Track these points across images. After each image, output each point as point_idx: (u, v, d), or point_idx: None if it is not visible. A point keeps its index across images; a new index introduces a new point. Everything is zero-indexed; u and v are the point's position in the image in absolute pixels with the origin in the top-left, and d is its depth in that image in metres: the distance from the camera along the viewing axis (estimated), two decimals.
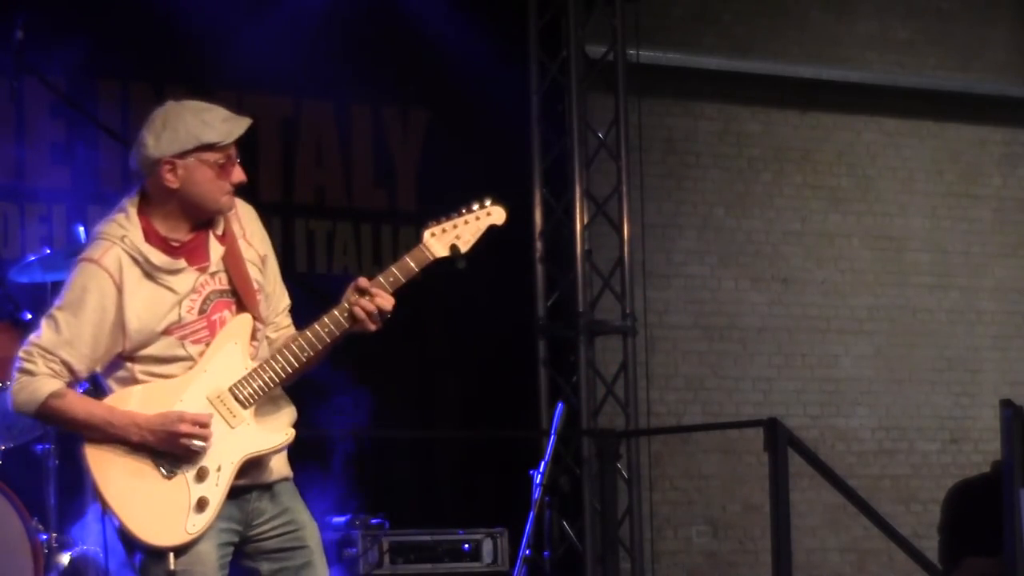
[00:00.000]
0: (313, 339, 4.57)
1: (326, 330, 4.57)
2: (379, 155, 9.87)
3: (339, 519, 8.32)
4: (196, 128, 4.52)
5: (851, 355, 11.52)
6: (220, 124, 4.55)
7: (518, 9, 10.12)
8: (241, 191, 4.67)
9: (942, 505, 8.50)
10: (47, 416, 4.54)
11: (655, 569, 10.48)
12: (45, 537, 6.75)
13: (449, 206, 8.89)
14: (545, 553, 9.39)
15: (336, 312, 4.59)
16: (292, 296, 4.83)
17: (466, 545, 8.61)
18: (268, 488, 4.63)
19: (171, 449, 4.46)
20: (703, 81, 11.13)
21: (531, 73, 10.16)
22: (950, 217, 11.90)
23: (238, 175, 4.59)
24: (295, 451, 4.72)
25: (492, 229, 4.80)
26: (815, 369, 11.42)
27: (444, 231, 4.76)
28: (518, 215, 9.97)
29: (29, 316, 7.01)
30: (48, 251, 7.19)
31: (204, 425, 4.47)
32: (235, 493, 4.53)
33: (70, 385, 4.53)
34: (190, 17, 8.75)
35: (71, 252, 7.04)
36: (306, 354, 4.56)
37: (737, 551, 11.03)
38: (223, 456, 4.50)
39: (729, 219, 11.24)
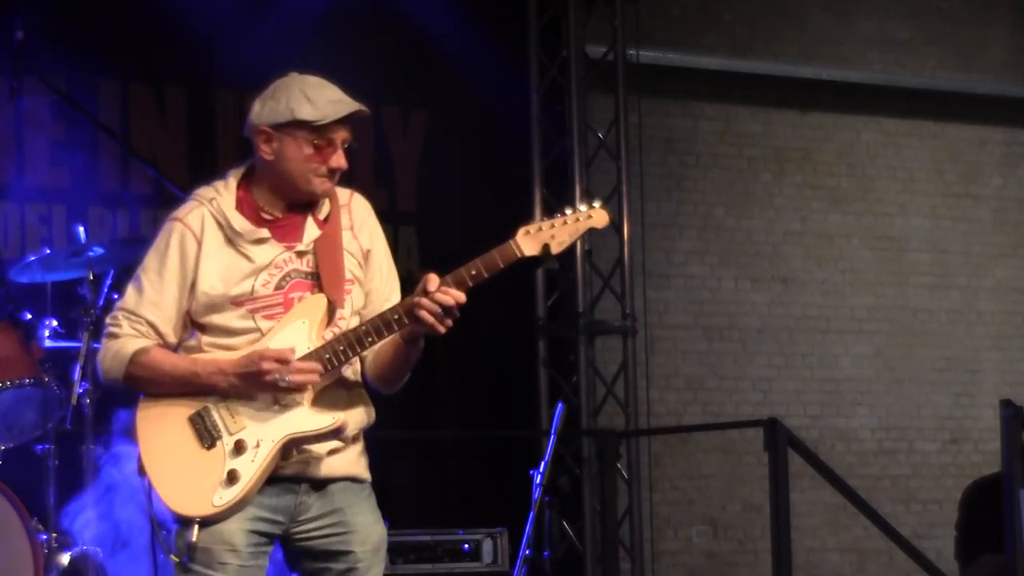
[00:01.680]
0: (380, 325, 4.39)
1: (395, 316, 4.38)
2: (379, 155, 9.87)
3: None
4: (295, 102, 4.42)
5: (851, 355, 11.52)
6: (323, 104, 4.43)
7: (518, 9, 10.12)
8: None
9: (959, 503, 8.51)
10: (134, 377, 4.40)
11: (655, 569, 10.48)
12: (45, 537, 6.75)
13: (449, 206, 8.93)
14: (545, 553, 9.39)
15: (406, 302, 4.41)
16: None
17: (466, 545, 8.60)
18: (322, 484, 4.45)
19: (259, 389, 4.33)
20: (703, 81, 11.13)
21: (531, 73, 10.16)
22: (950, 217, 11.90)
23: (337, 160, 4.44)
24: None
25: (591, 232, 4.58)
26: (815, 369, 11.42)
27: (540, 229, 4.48)
28: (518, 215, 9.99)
29: (29, 316, 7.02)
30: (48, 251, 7.18)
31: (285, 361, 4.31)
32: (283, 482, 4.39)
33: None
34: (190, 17, 8.75)
35: (71, 252, 7.07)
36: (370, 339, 4.39)
37: (737, 551, 11.03)
38: (265, 432, 4.35)
39: (729, 219, 11.24)
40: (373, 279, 4.58)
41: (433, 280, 4.38)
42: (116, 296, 5.87)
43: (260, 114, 4.45)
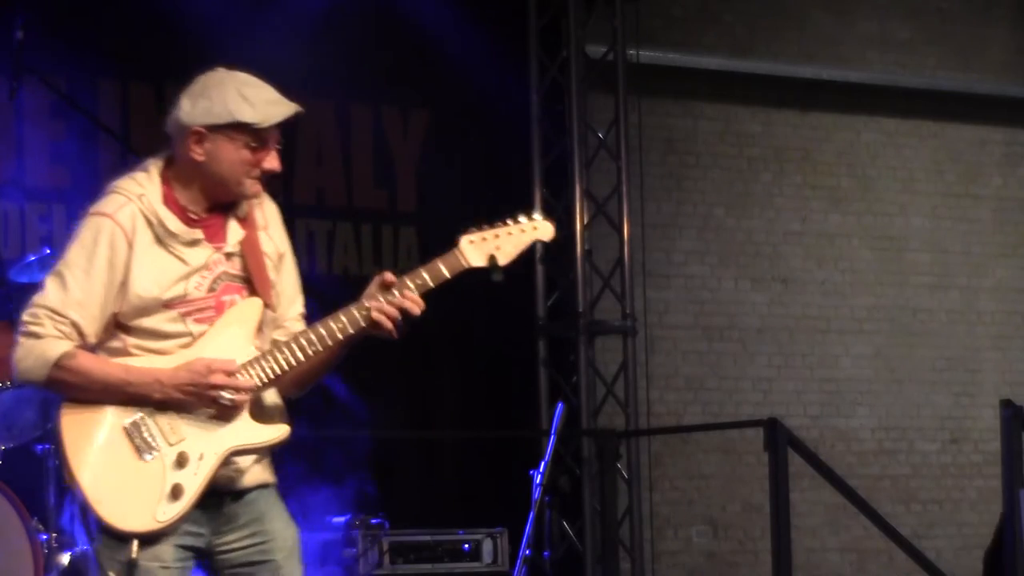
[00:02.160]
0: (324, 334, 4.25)
1: (339, 326, 4.26)
2: (379, 155, 9.87)
3: (339, 519, 8.31)
4: (234, 103, 4.25)
5: (851, 355, 11.52)
6: (262, 105, 4.29)
7: (518, 9, 10.12)
8: None
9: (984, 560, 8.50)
10: (57, 381, 4.18)
11: (655, 569, 10.48)
12: (45, 537, 6.75)
13: (449, 206, 8.95)
14: (545, 553, 9.39)
15: (354, 310, 4.28)
16: None
17: (466, 545, 8.60)
18: (241, 494, 4.31)
19: (198, 402, 4.17)
20: (703, 81, 11.13)
21: (531, 73, 10.16)
22: (950, 217, 11.90)
23: (271, 162, 4.31)
24: (295, 451, 4.62)
25: (536, 244, 4.45)
26: (815, 369, 11.41)
27: (484, 239, 4.41)
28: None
29: None
30: (48, 251, 7.18)
31: (232, 373, 4.18)
32: (206, 496, 4.21)
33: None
34: (190, 17, 8.75)
35: None
36: (313, 348, 4.24)
37: (737, 551, 11.03)
38: (208, 445, 4.19)
39: (729, 219, 11.24)
40: (283, 281, 4.43)
41: (391, 276, 4.31)
42: None
43: (192, 113, 4.27)
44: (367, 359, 8.09)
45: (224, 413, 4.23)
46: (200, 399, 4.19)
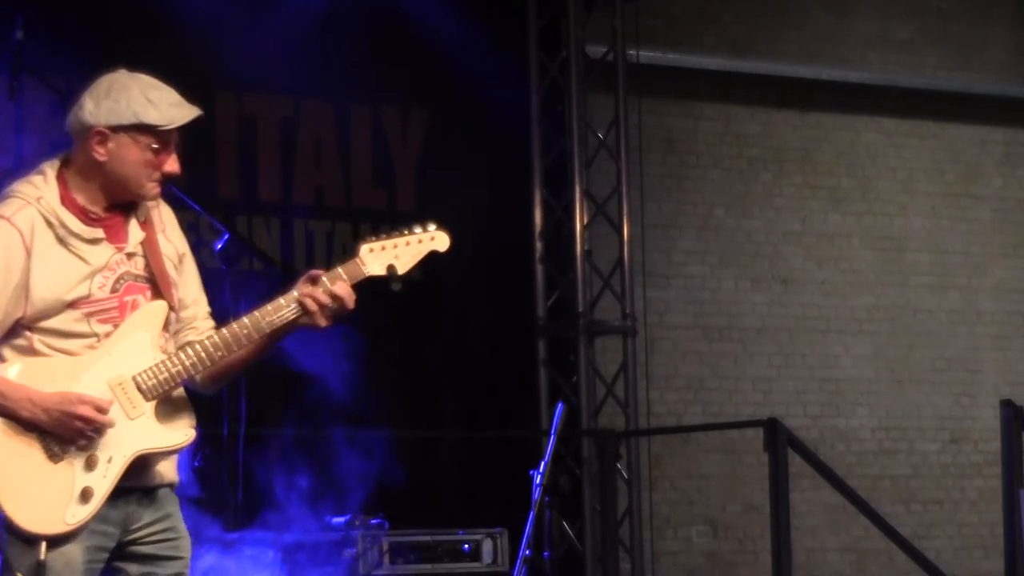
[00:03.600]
0: (231, 340, 4.32)
1: (244, 332, 4.32)
2: (379, 155, 9.87)
3: (339, 519, 8.30)
4: (138, 104, 4.30)
5: (851, 355, 11.52)
6: (166, 107, 4.33)
7: (518, 9, 10.12)
8: (243, 188, 4.57)
9: None
10: None
11: (655, 569, 10.48)
12: None
13: (449, 206, 8.98)
14: (545, 553, 9.38)
15: (281, 300, 4.36)
16: None
17: (466, 545, 8.60)
18: (151, 492, 4.36)
19: (62, 432, 4.18)
20: (703, 81, 11.13)
21: (531, 73, 10.16)
22: (950, 217, 11.90)
23: (171, 165, 4.33)
24: (296, 450, 4.63)
25: (433, 255, 4.53)
26: (815, 369, 11.42)
27: (383, 248, 4.48)
28: (518, 215, 10.04)
29: None
30: None
31: (103, 411, 4.20)
32: (116, 494, 4.25)
33: None
34: (190, 17, 8.75)
35: None
36: (220, 354, 4.32)
37: (737, 551, 11.03)
38: (116, 447, 4.23)
39: (729, 219, 11.24)
40: (186, 283, 4.48)
41: (317, 274, 4.37)
42: None
43: (96, 113, 4.31)
44: (367, 359, 8.13)
45: (132, 415, 4.25)
46: (64, 427, 4.19)
